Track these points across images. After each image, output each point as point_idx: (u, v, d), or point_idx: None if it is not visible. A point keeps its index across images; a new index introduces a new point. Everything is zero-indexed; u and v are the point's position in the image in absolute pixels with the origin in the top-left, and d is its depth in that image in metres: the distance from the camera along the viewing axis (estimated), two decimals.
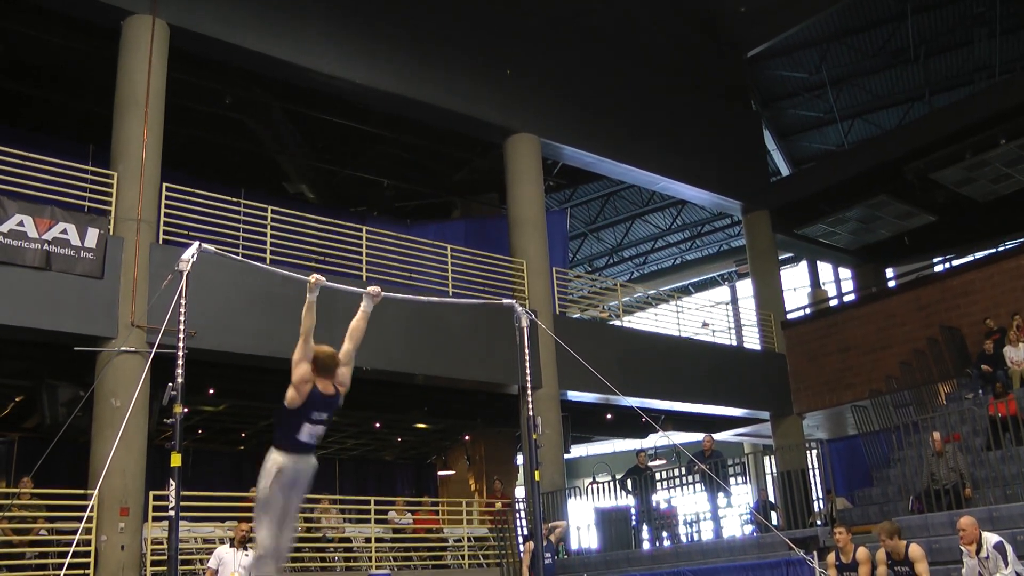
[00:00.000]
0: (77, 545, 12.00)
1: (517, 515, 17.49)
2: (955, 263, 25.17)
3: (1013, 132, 20.54)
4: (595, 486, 19.52)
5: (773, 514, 18.49)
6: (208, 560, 11.63)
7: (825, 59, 25.76)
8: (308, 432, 6.91)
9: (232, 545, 11.60)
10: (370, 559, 16.18)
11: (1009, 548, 9.27)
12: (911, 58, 25.36)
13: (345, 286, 8.20)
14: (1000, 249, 23.18)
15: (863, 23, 24.71)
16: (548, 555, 14.10)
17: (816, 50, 25.69)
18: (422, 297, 8.36)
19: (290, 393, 6.84)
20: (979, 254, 24.00)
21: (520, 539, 16.78)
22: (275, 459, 6.80)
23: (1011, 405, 14.10)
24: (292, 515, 7.08)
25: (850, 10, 24.03)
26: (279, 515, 6.86)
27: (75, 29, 16.61)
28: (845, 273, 31.53)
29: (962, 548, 9.58)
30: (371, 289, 7.39)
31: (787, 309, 25.45)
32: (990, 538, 9.40)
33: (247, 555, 11.55)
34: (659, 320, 22.72)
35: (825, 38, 25.20)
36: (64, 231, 13.16)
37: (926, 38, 24.81)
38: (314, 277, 7.06)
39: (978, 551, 9.36)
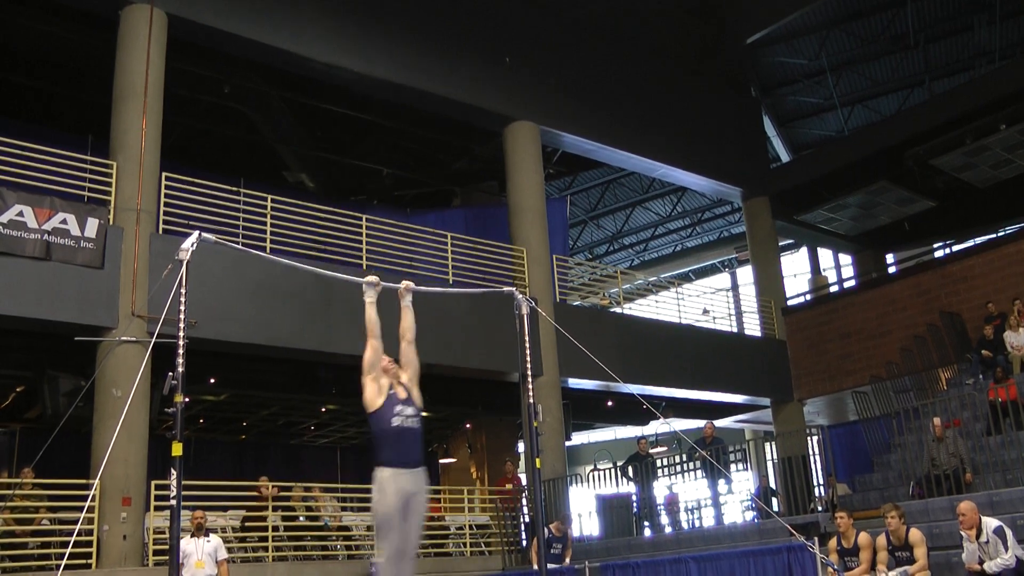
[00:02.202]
0: (79, 535, 12.04)
1: (520, 502, 17.53)
2: (955, 249, 25.17)
3: (1013, 117, 20.53)
4: (596, 473, 19.55)
5: (774, 500, 18.52)
6: None
7: (825, 45, 25.69)
8: (398, 429, 6.86)
9: (192, 535, 11.63)
10: (372, 547, 16.20)
11: (1009, 533, 9.30)
12: (911, 44, 25.28)
13: (348, 276, 8.13)
14: (1000, 234, 23.15)
15: (862, 9, 24.63)
16: (558, 546, 14.23)
17: (816, 36, 25.62)
18: (424, 288, 8.36)
19: (368, 397, 6.90)
20: (979, 239, 23.97)
21: (523, 526, 16.84)
22: (381, 477, 6.75)
23: (1011, 390, 14.10)
24: (412, 543, 6.89)
25: None
26: (398, 542, 6.74)
27: (73, 19, 16.61)
28: (845, 259, 31.53)
29: (962, 533, 9.61)
30: (403, 285, 7.47)
31: (787, 295, 25.47)
32: (990, 523, 9.43)
33: (208, 541, 11.61)
34: (659, 307, 22.71)
35: (824, 24, 25.13)
36: (64, 221, 13.16)
37: (926, 24, 24.73)
38: (372, 279, 7.12)
39: (978, 536, 9.39)
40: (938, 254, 26.50)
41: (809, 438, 19.47)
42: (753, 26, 25.08)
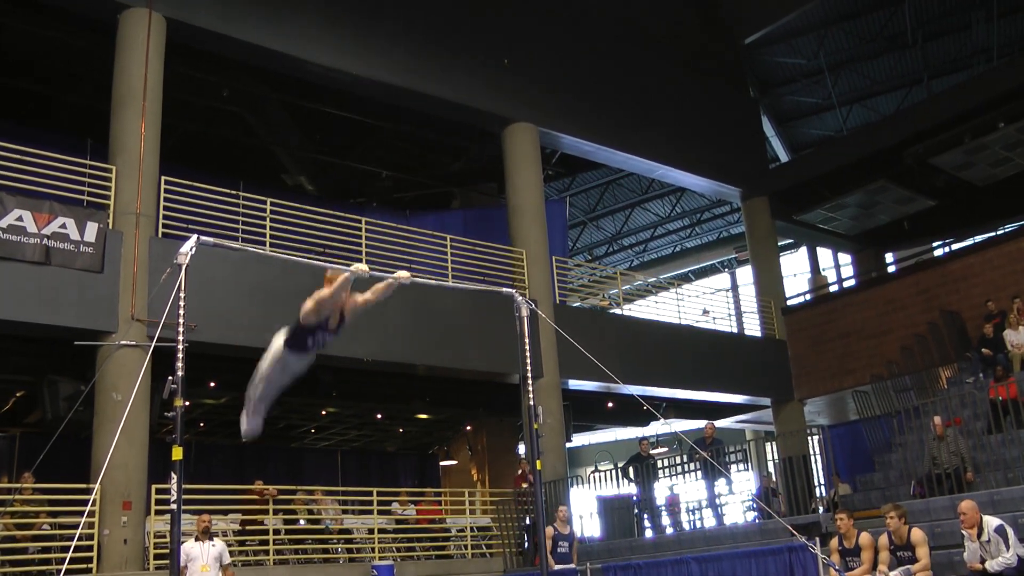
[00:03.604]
0: (80, 539, 12.01)
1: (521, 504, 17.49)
2: (955, 247, 25.18)
3: (1012, 115, 20.52)
4: (597, 474, 19.55)
5: (776, 500, 18.52)
6: None
7: (823, 45, 25.70)
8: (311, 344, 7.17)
9: (196, 539, 11.63)
10: (373, 551, 16.21)
11: (1010, 531, 9.30)
12: (909, 43, 25.30)
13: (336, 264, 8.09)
14: (999, 232, 23.15)
15: (860, 8, 24.66)
16: (565, 544, 14.05)
17: (814, 36, 25.64)
18: (425, 280, 8.40)
19: (308, 309, 6.99)
20: (978, 238, 23.98)
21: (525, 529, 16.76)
22: (277, 346, 7.17)
23: (1012, 388, 14.09)
24: (276, 392, 7.44)
25: None
26: (270, 391, 7.33)
27: (72, 23, 16.61)
28: (845, 258, 31.51)
29: (963, 532, 9.61)
30: (401, 275, 7.40)
31: (787, 295, 25.46)
32: (991, 522, 9.42)
33: (213, 545, 11.60)
34: (659, 308, 22.72)
35: (822, 24, 25.15)
36: (63, 225, 13.17)
37: (923, 22, 24.75)
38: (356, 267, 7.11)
39: (979, 535, 9.38)
40: (938, 253, 26.53)
41: (810, 438, 19.49)
42: (751, 26, 25.14)
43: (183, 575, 11.27)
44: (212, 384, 19.59)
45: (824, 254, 32.14)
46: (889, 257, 28.90)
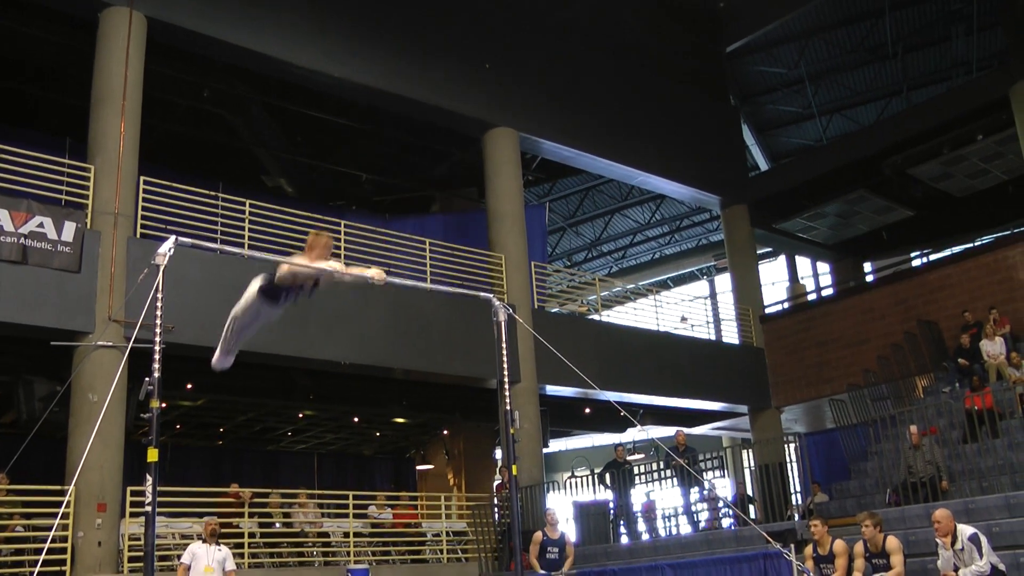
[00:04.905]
0: (53, 541, 11.95)
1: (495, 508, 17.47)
2: (932, 258, 25.31)
3: (990, 128, 20.70)
4: (574, 480, 19.54)
5: (751, 507, 18.57)
6: (181, 556, 11.65)
7: (803, 55, 25.81)
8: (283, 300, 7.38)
9: (204, 540, 11.61)
10: (348, 554, 16.17)
11: (984, 540, 9.34)
12: (889, 54, 25.44)
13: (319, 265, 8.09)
14: (977, 244, 23.31)
15: (841, 19, 24.77)
16: (555, 549, 13.89)
17: (795, 46, 25.75)
18: (402, 280, 8.38)
19: (283, 272, 7.20)
20: (956, 249, 24.13)
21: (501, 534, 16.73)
22: (253, 291, 7.27)
23: (987, 399, 14.19)
24: (250, 334, 7.71)
25: (828, 6, 24.07)
26: (241, 329, 7.52)
27: (52, 21, 16.50)
28: (823, 267, 31.67)
29: (937, 540, 9.64)
30: (375, 275, 7.46)
31: (765, 303, 25.56)
32: (965, 530, 9.46)
33: (219, 550, 11.58)
34: (638, 314, 22.74)
35: (803, 34, 25.26)
36: (41, 225, 13.08)
37: (904, 34, 24.89)
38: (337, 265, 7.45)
39: (953, 543, 9.42)
40: (915, 263, 26.67)
41: (786, 445, 19.56)
42: (733, 35, 25.24)
43: (185, 572, 11.26)
44: (189, 386, 19.52)
45: (803, 263, 32.26)
46: (867, 267, 29.05)
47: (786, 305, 27.20)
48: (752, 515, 17.86)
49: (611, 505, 17.94)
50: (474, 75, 19.49)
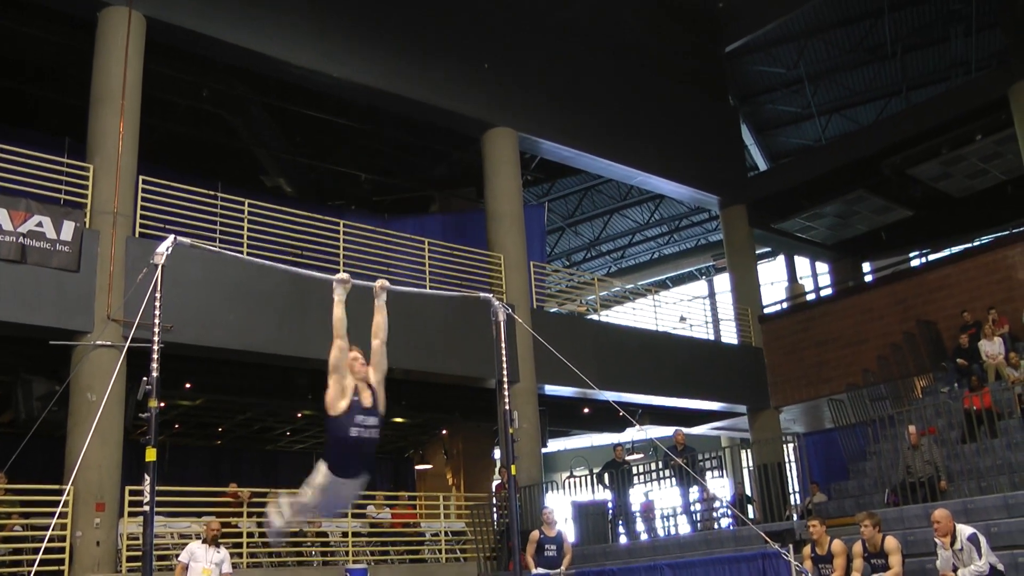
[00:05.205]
0: (51, 541, 11.95)
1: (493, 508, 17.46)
2: (931, 258, 25.34)
3: (989, 128, 20.69)
4: (572, 480, 19.53)
5: (750, 507, 18.56)
6: (180, 554, 11.64)
7: (803, 55, 25.80)
8: (356, 440, 6.68)
9: (204, 541, 11.59)
10: (347, 553, 16.16)
11: (983, 540, 9.33)
12: (888, 54, 25.45)
13: (319, 273, 8.07)
14: (976, 244, 23.33)
15: (841, 19, 24.77)
16: (552, 547, 13.85)
17: (794, 46, 25.75)
18: (400, 287, 8.35)
19: (330, 398, 6.62)
20: (955, 249, 24.13)
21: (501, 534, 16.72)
22: (320, 474, 6.64)
23: (986, 399, 14.18)
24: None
25: (828, 6, 24.07)
26: (308, 512, 7.04)
27: (51, 21, 16.49)
28: (822, 267, 31.65)
29: (936, 540, 9.64)
30: (378, 283, 7.41)
31: (764, 303, 25.55)
32: (964, 530, 9.46)
33: (218, 552, 11.56)
34: (637, 314, 22.73)
35: (803, 34, 25.26)
36: (39, 224, 13.07)
37: (903, 34, 24.89)
38: (342, 276, 7.05)
39: (952, 543, 9.41)
40: (914, 263, 26.69)
41: (785, 445, 19.54)
42: (732, 35, 25.23)
43: (183, 571, 11.26)
44: (188, 385, 19.50)
45: (801, 263, 32.25)
46: (866, 266, 29.04)
47: (785, 305, 27.20)
48: (751, 515, 17.85)
49: (610, 505, 17.93)
50: (474, 75, 19.48)
